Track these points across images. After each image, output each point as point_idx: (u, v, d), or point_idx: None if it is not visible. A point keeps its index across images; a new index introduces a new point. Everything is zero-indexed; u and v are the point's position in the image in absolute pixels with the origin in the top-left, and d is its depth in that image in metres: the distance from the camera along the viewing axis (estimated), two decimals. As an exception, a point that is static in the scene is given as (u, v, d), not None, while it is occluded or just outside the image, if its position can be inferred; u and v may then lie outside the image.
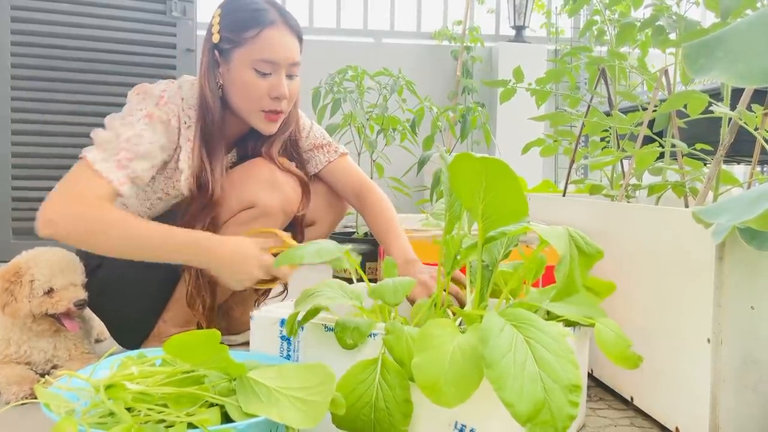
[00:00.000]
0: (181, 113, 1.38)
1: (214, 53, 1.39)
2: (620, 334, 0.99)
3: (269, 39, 1.35)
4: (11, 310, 1.29)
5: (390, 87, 2.71)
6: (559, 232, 0.93)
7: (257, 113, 1.39)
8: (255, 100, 1.37)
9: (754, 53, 0.61)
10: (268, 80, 1.36)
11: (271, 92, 1.36)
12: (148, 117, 1.32)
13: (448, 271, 1.08)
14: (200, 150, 1.38)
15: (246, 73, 1.35)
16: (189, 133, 1.39)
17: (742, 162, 2.10)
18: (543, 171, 3.78)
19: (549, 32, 4.07)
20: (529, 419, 0.72)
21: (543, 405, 0.73)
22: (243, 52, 1.35)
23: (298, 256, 1.01)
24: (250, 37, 1.34)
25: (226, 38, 1.37)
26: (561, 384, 0.75)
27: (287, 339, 1.06)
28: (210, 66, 1.39)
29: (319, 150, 1.59)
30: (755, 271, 0.98)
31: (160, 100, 1.35)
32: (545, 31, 4.11)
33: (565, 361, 0.77)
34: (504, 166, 0.88)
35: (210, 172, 1.37)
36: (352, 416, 0.91)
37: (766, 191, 0.64)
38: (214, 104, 1.38)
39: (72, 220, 1.21)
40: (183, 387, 0.81)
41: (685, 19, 1.35)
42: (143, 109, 1.33)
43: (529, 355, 0.77)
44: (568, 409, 0.74)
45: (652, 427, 1.16)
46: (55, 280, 1.32)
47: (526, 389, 0.74)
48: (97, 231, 1.22)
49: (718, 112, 1.15)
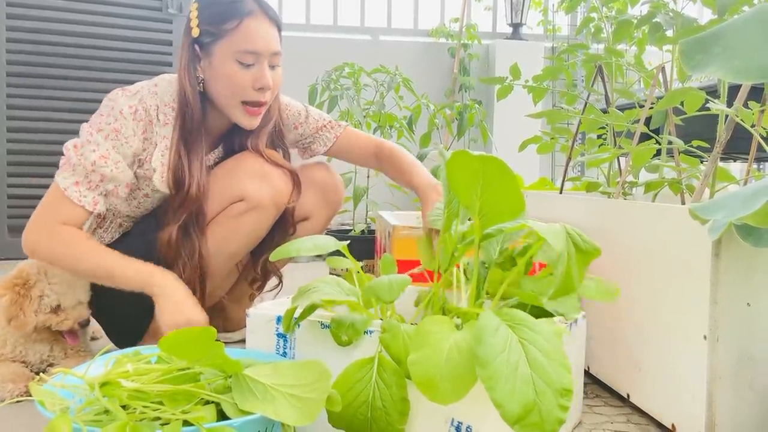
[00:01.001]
0: (158, 111, 1.37)
1: (194, 48, 1.39)
2: (598, 280, 1.03)
3: (250, 29, 1.34)
4: (18, 324, 1.28)
5: (387, 84, 2.70)
6: (556, 229, 0.93)
7: (239, 107, 1.39)
8: (239, 91, 1.36)
9: (750, 49, 0.61)
10: (251, 71, 1.36)
11: (255, 83, 1.36)
12: (114, 132, 1.32)
13: (445, 268, 1.08)
14: (178, 146, 1.37)
15: (229, 65, 1.35)
16: (165, 131, 1.38)
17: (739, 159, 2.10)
18: (540, 168, 3.78)
19: (546, 29, 4.06)
20: (518, 421, 0.73)
21: (533, 407, 0.73)
22: (224, 44, 1.35)
23: (294, 248, 1.01)
24: (230, 28, 1.34)
25: (206, 32, 1.36)
26: (552, 387, 0.75)
27: (283, 336, 1.06)
28: (190, 61, 1.39)
29: (323, 130, 1.61)
30: (751, 268, 0.98)
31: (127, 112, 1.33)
32: (542, 29, 4.10)
33: (558, 365, 0.77)
34: (501, 164, 0.88)
35: (187, 168, 1.37)
36: (349, 415, 0.90)
37: (762, 188, 0.64)
38: (194, 99, 1.38)
39: (47, 252, 1.30)
40: (178, 384, 0.81)
41: (681, 16, 1.35)
42: (110, 124, 1.33)
43: (523, 356, 0.77)
44: (557, 412, 0.74)
45: (648, 424, 1.16)
46: (64, 298, 1.31)
47: (517, 390, 0.74)
48: (69, 263, 1.30)
49: (714, 109, 1.15)
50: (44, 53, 2.87)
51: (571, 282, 0.93)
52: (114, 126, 1.33)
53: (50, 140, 2.88)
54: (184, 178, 1.36)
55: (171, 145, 1.37)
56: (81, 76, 2.91)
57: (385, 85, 2.71)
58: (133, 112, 1.34)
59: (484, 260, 1.11)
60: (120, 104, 1.34)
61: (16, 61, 2.84)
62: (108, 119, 1.33)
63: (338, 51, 3.54)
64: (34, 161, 2.88)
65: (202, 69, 1.39)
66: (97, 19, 2.94)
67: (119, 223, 1.47)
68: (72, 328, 1.32)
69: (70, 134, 1.22)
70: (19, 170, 2.87)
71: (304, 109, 1.60)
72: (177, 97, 1.39)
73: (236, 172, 1.43)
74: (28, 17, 2.85)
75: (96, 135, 1.32)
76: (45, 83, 2.88)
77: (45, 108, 2.88)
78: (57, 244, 1.29)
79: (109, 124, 1.33)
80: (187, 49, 1.40)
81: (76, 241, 1.30)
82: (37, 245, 1.30)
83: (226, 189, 1.42)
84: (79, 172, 1.31)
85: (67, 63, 2.90)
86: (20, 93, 2.85)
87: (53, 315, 1.29)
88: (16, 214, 2.86)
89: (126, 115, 1.33)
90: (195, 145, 1.39)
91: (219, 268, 1.47)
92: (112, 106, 1.34)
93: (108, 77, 2.92)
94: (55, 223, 1.30)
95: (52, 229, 1.30)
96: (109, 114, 1.33)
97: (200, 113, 1.40)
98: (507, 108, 3.13)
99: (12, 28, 2.83)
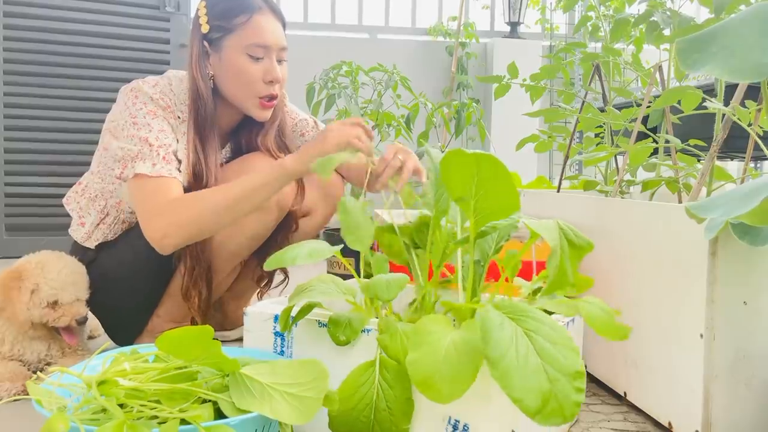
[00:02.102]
0: (175, 108, 1.38)
1: (203, 44, 1.40)
2: (606, 308, 1.00)
3: (260, 24, 1.37)
4: (7, 315, 1.28)
5: (385, 83, 2.70)
6: (550, 224, 0.93)
7: (252, 99, 1.41)
8: (250, 85, 1.39)
9: (747, 48, 0.61)
10: (261, 65, 1.38)
11: (265, 76, 1.39)
12: (152, 113, 1.35)
13: (437, 265, 1.08)
14: (194, 141, 1.39)
15: (239, 59, 1.37)
16: (183, 127, 1.40)
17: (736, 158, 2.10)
18: (537, 167, 3.78)
19: (544, 28, 4.07)
20: (538, 411, 0.73)
21: (550, 396, 0.73)
22: (235, 39, 1.37)
23: (290, 257, 1.01)
24: (241, 23, 1.37)
25: (216, 27, 1.38)
26: (564, 372, 0.75)
27: (281, 335, 1.06)
28: (200, 56, 1.40)
29: None
30: (748, 267, 0.99)
31: (156, 97, 1.36)
32: (540, 27, 4.10)
33: (566, 349, 0.77)
34: (496, 162, 0.88)
35: (204, 162, 1.38)
36: (352, 419, 0.90)
37: (759, 186, 0.64)
38: (206, 94, 1.40)
39: (177, 228, 1.28)
40: (176, 383, 0.81)
41: (679, 15, 1.35)
42: (143, 108, 1.34)
43: (530, 347, 0.77)
44: (574, 396, 0.74)
45: (645, 422, 1.16)
46: (62, 294, 1.29)
47: (531, 383, 0.74)
48: (205, 218, 1.28)
49: (711, 108, 1.15)
50: (42, 51, 2.87)
51: (565, 276, 0.93)
52: (149, 108, 1.35)
53: (48, 138, 2.87)
54: (202, 172, 1.37)
55: (188, 141, 1.39)
56: (78, 74, 2.91)
57: (383, 83, 2.70)
58: (160, 98, 1.37)
59: (480, 258, 1.11)
60: (146, 91, 1.36)
61: (14, 60, 2.83)
62: (139, 105, 1.35)
63: (336, 49, 3.54)
64: (31, 160, 2.87)
65: (212, 65, 1.41)
66: (94, 17, 2.93)
67: (122, 219, 1.47)
68: (69, 325, 1.32)
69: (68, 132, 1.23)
70: (16, 168, 2.86)
71: (313, 121, 1.64)
72: (189, 93, 1.41)
73: (243, 173, 1.43)
74: (25, 15, 2.84)
75: (139, 119, 1.33)
76: (42, 81, 2.88)
77: (42, 106, 2.88)
78: (183, 210, 1.27)
79: (142, 109, 1.35)
80: (197, 45, 1.41)
81: (192, 200, 1.29)
82: (166, 229, 1.27)
83: None
84: (148, 155, 1.31)
85: (65, 61, 2.89)
86: (17, 91, 2.85)
87: (50, 310, 1.29)
88: (13, 213, 2.85)
89: (156, 100, 1.36)
90: (209, 139, 1.40)
91: (221, 267, 1.48)
92: (135, 95, 1.36)
93: (105, 75, 2.92)
94: (163, 203, 1.28)
95: (164, 208, 1.28)
96: (138, 101, 1.35)
97: (213, 107, 1.42)
98: (505, 106, 3.14)
99: (9, 27, 2.82)
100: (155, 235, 1.28)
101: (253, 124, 1.48)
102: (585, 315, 0.97)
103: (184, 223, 1.28)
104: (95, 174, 1.45)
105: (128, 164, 1.31)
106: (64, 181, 2.70)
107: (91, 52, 2.93)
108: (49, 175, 2.87)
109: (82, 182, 1.49)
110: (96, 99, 2.86)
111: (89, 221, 1.45)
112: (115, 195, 1.43)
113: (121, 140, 1.33)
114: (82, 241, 1.46)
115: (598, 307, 0.99)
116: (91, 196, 1.46)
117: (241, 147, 1.51)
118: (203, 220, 1.29)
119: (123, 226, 1.48)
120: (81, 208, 1.47)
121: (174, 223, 1.27)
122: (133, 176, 1.31)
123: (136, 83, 1.37)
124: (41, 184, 2.87)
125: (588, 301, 0.99)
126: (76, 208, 1.48)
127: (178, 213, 1.28)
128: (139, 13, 3.01)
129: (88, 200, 1.46)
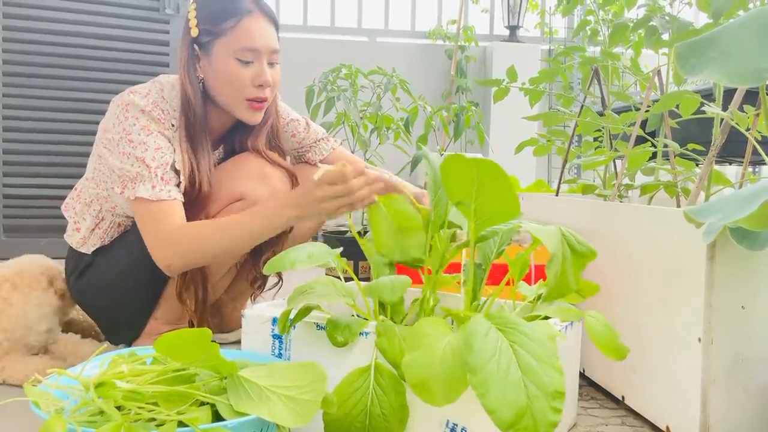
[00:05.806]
0: (168, 116, 1.38)
1: (193, 47, 1.40)
2: (608, 326, 1.00)
3: (249, 27, 1.36)
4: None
5: (384, 86, 2.70)
6: (551, 230, 0.93)
7: (242, 103, 1.40)
8: (239, 89, 1.38)
9: (745, 53, 0.61)
10: (250, 68, 1.38)
11: (255, 80, 1.38)
12: (146, 130, 1.33)
13: (436, 270, 1.08)
14: (186, 146, 1.38)
15: (229, 63, 1.37)
16: (177, 135, 1.39)
17: (734, 162, 2.11)
18: (536, 170, 3.79)
19: (543, 32, 4.08)
20: (511, 426, 0.72)
21: (525, 411, 0.73)
22: (224, 42, 1.36)
23: (289, 261, 1.01)
24: (230, 26, 1.36)
25: (205, 30, 1.38)
26: (544, 390, 0.75)
27: (279, 337, 1.06)
28: (190, 61, 1.40)
29: (321, 141, 1.65)
30: (746, 271, 0.99)
31: (148, 109, 1.34)
32: (539, 31, 4.11)
33: (549, 367, 0.77)
34: (496, 167, 0.88)
35: (197, 167, 1.38)
36: (346, 425, 0.90)
37: (757, 191, 0.64)
38: (195, 99, 1.39)
39: (182, 260, 1.32)
40: (174, 385, 0.81)
41: (677, 20, 1.35)
42: (136, 123, 1.33)
43: (513, 360, 0.77)
44: (550, 415, 0.74)
45: (643, 426, 1.16)
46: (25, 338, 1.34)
47: (508, 396, 0.73)
48: (207, 253, 1.33)
49: (710, 112, 1.15)
50: (40, 53, 2.86)
51: (566, 283, 0.93)
52: (143, 123, 1.34)
53: (46, 140, 2.87)
54: (195, 176, 1.37)
55: (181, 146, 1.38)
56: (77, 76, 2.90)
57: (382, 86, 2.70)
58: (151, 111, 1.35)
59: (481, 262, 1.11)
60: (138, 103, 1.34)
61: (12, 61, 2.83)
62: (132, 120, 1.34)
63: (335, 52, 3.54)
64: (29, 161, 2.87)
65: (202, 68, 1.41)
66: (93, 19, 2.93)
67: (118, 222, 1.47)
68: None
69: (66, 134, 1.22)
70: (14, 170, 2.86)
71: (305, 121, 1.63)
72: (180, 97, 1.40)
73: (236, 173, 1.44)
74: (24, 17, 2.84)
75: (134, 137, 1.32)
76: (41, 83, 2.87)
77: (41, 108, 2.87)
78: (183, 248, 1.30)
79: (138, 119, 1.34)
80: (186, 49, 1.40)
81: (195, 236, 1.31)
82: (170, 260, 1.31)
83: (227, 188, 1.42)
84: (146, 176, 1.31)
85: (63, 63, 2.89)
86: (16, 93, 2.84)
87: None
88: (11, 214, 2.85)
89: (148, 112, 1.35)
90: (200, 143, 1.40)
91: (215, 269, 1.47)
92: (126, 109, 1.34)
93: (104, 77, 2.91)
94: (167, 231, 1.30)
95: (168, 238, 1.30)
96: (130, 115, 1.34)
97: (203, 112, 1.41)
98: (504, 110, 3.13)
99: (8, 28, 2.82)
100: (160, 263, 1.32)
101: (245, 126, 1.47)
102: (588, 328, 0.98)
103: (186, 254, 1.31)
104: (90, 180, 1.45)
105: (128, 185, 1.32)
106: (63, 182, 2.70)
107: (90, 54, 2.92)
108: (47, 176, 2.86)
109: (77, 188, 1.49)
110: (94, 101, 2.85)
111: (84, 226, 1.45)
112: (110, 200, 1.43)
113: (116, 156, 1.33)
114: (77, 247, 1.46)
115: (602, 323, 1.01)
116: (87, 201, 1.45)
117: (234, 148, 1.51)
118: (206, 255, 1.33)
119: (119, 229, 1.48)
120: (76, 213, 1.47)
121: (177, 254, 1.31)
122: (134, 198, 1.31)
123: (127, 96, 1.35)
124: (39, 186, 2.86)
125: (592, 315, 1.00)
126: (72, 213, 1.47)
127: (181, 245, 1.30)
128: (138, 16, 3.00)
129: (83, 205, 1.46)
